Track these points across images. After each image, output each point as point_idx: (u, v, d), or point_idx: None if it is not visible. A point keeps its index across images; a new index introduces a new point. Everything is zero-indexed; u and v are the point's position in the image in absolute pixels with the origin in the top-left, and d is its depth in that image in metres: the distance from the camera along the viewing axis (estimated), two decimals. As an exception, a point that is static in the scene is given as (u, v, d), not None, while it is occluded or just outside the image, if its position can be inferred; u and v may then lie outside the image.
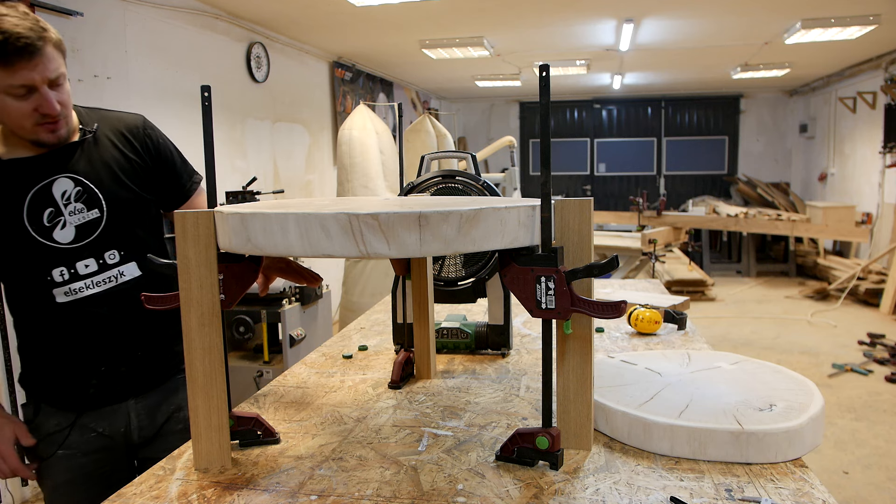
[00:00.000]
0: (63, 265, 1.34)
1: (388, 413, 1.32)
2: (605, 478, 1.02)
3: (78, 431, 1.42)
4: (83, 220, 1.36)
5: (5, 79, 1.20)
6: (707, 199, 10.20)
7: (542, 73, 0.97)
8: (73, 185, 1.35)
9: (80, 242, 1.36)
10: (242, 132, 5.03)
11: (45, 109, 1.25)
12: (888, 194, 7.35)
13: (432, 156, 1.70)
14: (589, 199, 1.05)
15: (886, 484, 3.04)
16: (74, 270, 1.35)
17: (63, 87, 1.29)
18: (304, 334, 3.47)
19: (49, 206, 1.32)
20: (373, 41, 6.02)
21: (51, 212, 1.32)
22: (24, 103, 1.24)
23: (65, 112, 1.30)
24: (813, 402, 1.13)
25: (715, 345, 5.15)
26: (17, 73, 1.20)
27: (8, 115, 1.25)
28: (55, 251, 1.33)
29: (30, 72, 1.21)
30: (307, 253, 0.92)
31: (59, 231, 1.33)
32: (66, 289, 1.35)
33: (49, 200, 1.33)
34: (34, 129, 1.28)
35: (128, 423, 1.47)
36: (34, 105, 1.24)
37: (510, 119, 11.63)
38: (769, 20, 5.35)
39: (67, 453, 1.42)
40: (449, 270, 1.68)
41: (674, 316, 1.87)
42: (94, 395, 1.43)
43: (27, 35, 1.19)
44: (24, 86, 1.22)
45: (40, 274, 1.33)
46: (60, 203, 1.34)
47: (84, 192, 1.36)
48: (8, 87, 1.21)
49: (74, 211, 1.35)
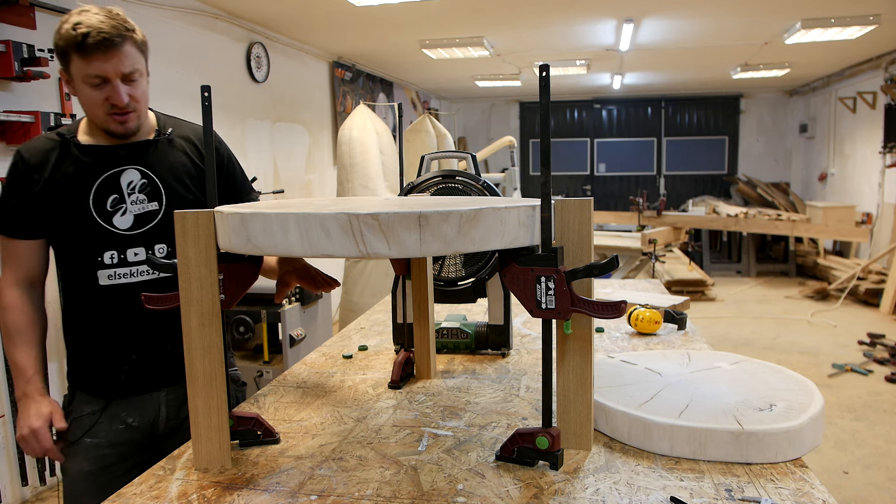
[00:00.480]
0: (115, 249, 1.43)
1: (388, 413, 1.32)
2: (605, 478, 1.02)
3: (108, 421, 1.47)
4: (142, 210, 1.45)
5: (83, 68, 1.33)
6: (707, 199, 10.20)
7: (542, 73, 0.97)
8: (139, 176, 1.45)
9: (135, 231, 1.44)
10: (242, 132, 5.03)
11: (114, 100, 1.36)
12: (888, 194, 7.35)
13: (432, 156, 1.70)
14: (589, 199, 1.06)
15: (886, 484, 3.04)
16: (124, 256, 1.44)
17: (138, 83, 1.40)
18: (304, 334, 3.47)
19: (114, 192, 1.43)
20: (373, 41, 6.02)
21: (115, 198, 1.43)
22: (98, 93, 1.35)
23: (135, 106, 1.40)
24: (813, 402, 1.13)
25: (715, 345, 5.16)
26: (93, 63, 1.32)
27: (85, 102, 1.38)
28: (111, 235, 1.42)
29: (103, 63, 1.32)
30: (307, 253, 0.92)
31: (119, 217, 1.43)
32: (111, 272, 1.43)
33: (115, 187, 1.43)
34: (105, 119, 1.39)
35: (157, 414, 1.50)
36: (106, 95, 1.36)
37: (510, 119, 11.63)
38: (769, 20, 5.35)
39: (94, 442, 1.46)
40: (449, 270, 1.68)
41: (674, 316, 1.87)
42: (126, 382, 1.47)
43: (107, 31, 1.31)
44: (98, 76, 1.33)
45: (92, 254, 1.42)
46: (125, 191, 1.44)
47: (148, 184, 1.46)
48: (85, 75, 1.33)
49: (136, 201, 1.45)
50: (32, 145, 1.43)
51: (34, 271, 1.46)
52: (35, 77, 2.86)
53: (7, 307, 1.43)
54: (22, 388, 1.42)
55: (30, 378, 1.41)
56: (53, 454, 1.42)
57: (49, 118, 2.92)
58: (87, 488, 1.44)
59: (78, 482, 1.46)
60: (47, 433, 1.40)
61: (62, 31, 1.34)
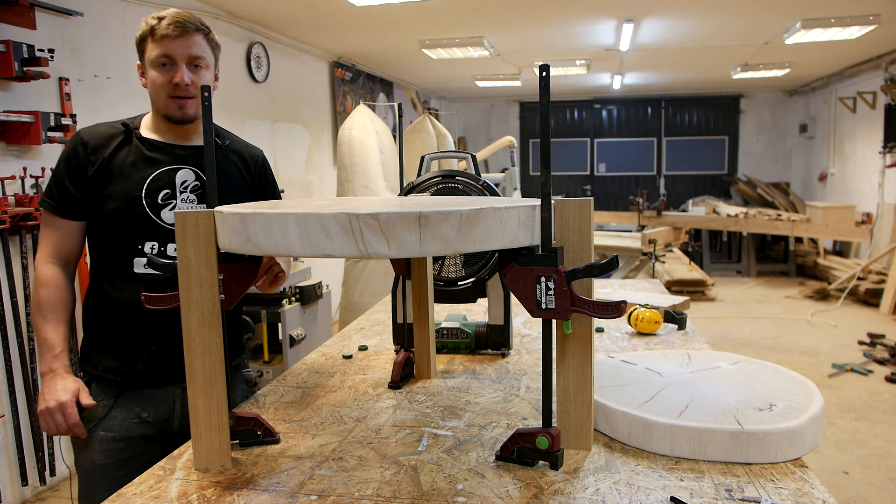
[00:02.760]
0: (157, 241, 1.46)
1: (388, 413, 1.32)
2: (605, 478, 1.02)
3: (122, 413, 1.46)
4: (190, 209, 1.48)
5: (154, 50, 1.41)
6: (707, 199, 10.19)
7: (542, 73, 0.97)
8: (194, 177, 1.50)
9: None
10: (242, 132, 5.03)
11: (176, 79, 1.41)
12: (888, 194, 7.34)
13: (432, 156, 1.70)
14: (589, 199, 1.06)
15: (886, 484, 3.04)
16: (164, 249, 1.47)
17: (202, 71, 1.46)
18: (304, 334, 3.47)
19: (168, 188, 1.47)
20: (373, 41, 6.02)
21: (167, 193, 1.47)
22: (163, 74, 1.42)
23: (195, 92, 1.45)
24: (813, 402, 1.13)
25: (715, 345, 5.15)
26: (162, 43, 1.40)
27: (153, 87, 1.44)
28: (157, 227, 1.46)
29: (171, 43, 1.40)
30: (307, 253, 0.92)
31: (168, 211, 1.47)
32: (145, 262, 1.45)
33: (170, 183, 1.48)
34: (167, 102, 1.44)
35: (172, 411, 1.50)
36: (170, 77, 1.42)
37: (510, 119, 11.63)
38: (769, 20, 5.35)
39: (108, 436, 1.45)
40: (449, 270, 1.68)
41: (674, 316, 1.87)
42: (142, 373, 1.48)
43: (181, 19, 1.41)
44: (165, 55, 1.41)
45: (134, 242, 1.45)
46: (178, 188, 1.49)
47: (200, 186, 1.51)
48: (155, 57, 1.41)
49: (187, 199, 1.49)
50: (95, 130, 1.47)
51: (72, 251, 1.48)
52: (35, 77, 2.86)
53: (43, 282, 1.44)
54: (48, 363, 1.41)
55: (57, 354, 1.41)
56: (78, 429, 1.40)
57: (49, 118, 2.92)
58: (100, 480, 1.44)
59: (91, 474, 1.46)
60: (74, 408, 1.39)
61: (143, 23, 1.43)
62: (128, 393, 1.48)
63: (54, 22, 3.18)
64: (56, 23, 3.19)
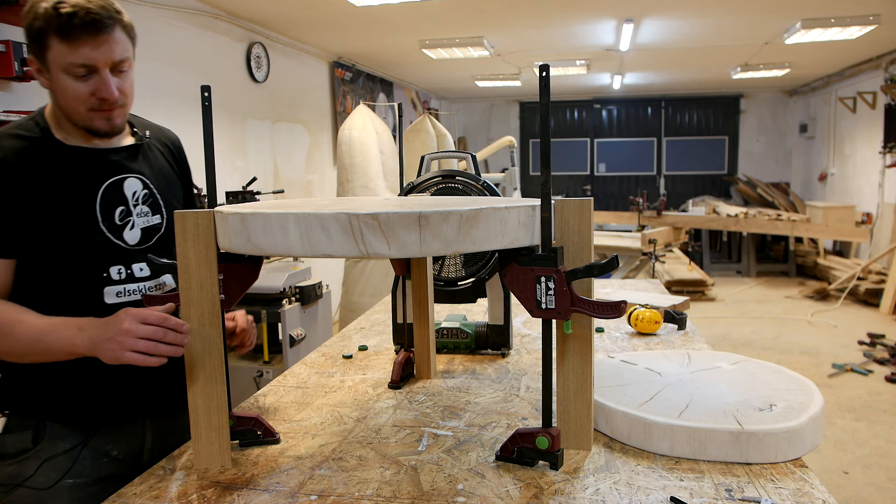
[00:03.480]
0: (122, 264, 1.28)
1: (388, 413, 1.32)
2: (605, 478, 1.02)
3: (91, 455, 1.26)
4: (147, 223, 1.31)
5: (67, 55, 1.14)
6: (707, 199, 10.19)
7: (542, 73, 0.97)
8: (141, 186, 1.31)
9: (143, 245, 1.30)
10: (242, 132, 5.03)
11: (102, 94, 1.17)
12: (888, 194, 7.34)
13: (432, 156, 1.70)
14: (589, 199, 1.06)
15: (886, 484, 3.04)
16: (131, 272, 1.29)
17: (126, 74, 1.22)
18: (304, 334, 3.47)
19: (121, 204, 1.27)
20: (373, 41, 6.02)
21: (122, 210, 1.27)
22: (83, 85, 1.17)
23: (123, 101, 1.23)
24: (813, 402, 1.13)
25: (715, 345, 5.15)
26: (79, 49, 1.13)
27: (64, 97, 1.18)
28: (120, 250, 1.27)
29: (92, 50, 1.14)
30: (307, 253, 0.92)
31: (129, 231, 1.28)
32: (119, 289, 1.27)
33: (121, 198, 1.28)
34: (88, 115, 1.20)
35: (142, 444, 1.34)
36: (92, 88, 1.17)
37: (510, 119, 11.63)
38: (769, 20, 5.35)
39: (76, 483, 1.24)
40: (449, 270, 1.68)
41: (674, 316, 1.87)
42: (114, 409, 1.29)
43: (96, 12, 1.13)
44: (84, 65, 1.15)
45: (98, 270, 1.25)
46: (131, 203, 1.29)
47: (150, 196, 1.33)
48: (69, 64, 1.14)
49: (141, 213, 1.31)
50: (8, 144, 1.19)
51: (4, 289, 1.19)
52: (35, 77, 2.86)
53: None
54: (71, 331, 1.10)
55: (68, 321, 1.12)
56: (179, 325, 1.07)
57: (49, 118, 2.91)
58: None
59: None
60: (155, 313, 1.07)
61: (38, 9, 1.13)
62: (100, 432, 1.28)
63: (54, 22, 3.18)
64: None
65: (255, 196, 3.61)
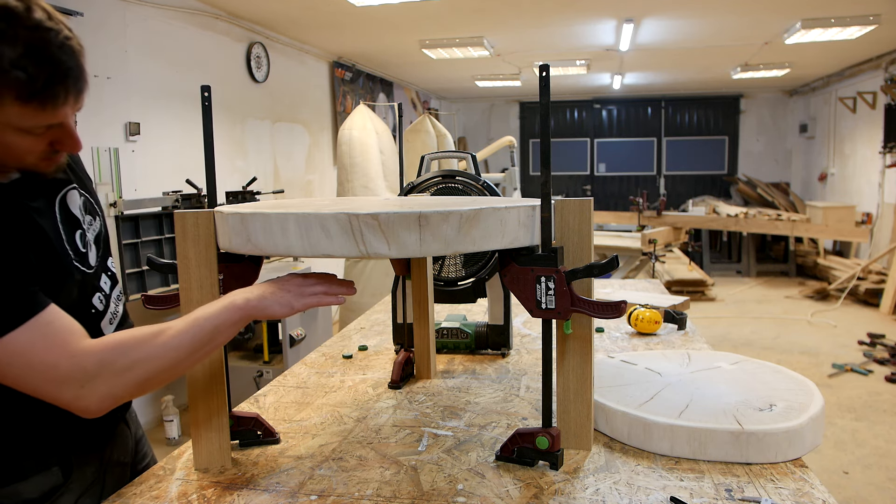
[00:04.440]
0: (98, 291, 1.10)
1: (388, 413, 1.32)
2: (605, 478, 1.02)
3: (111, 470, 1.16)
4: (94, 232, 1.11)
5: (24, 117, 0.86)
6: (707, 199, 10.19)
7: (542, 73, 0.97)
8: (79, 195, 1.09)
9: (100, 260, 1.13)
10: (242, 132, 5.03)
11: (66, 147, 0.94)
12: (888, 194, 7.34)
13: (432, 156, 1.70)
14: (589, 199, 1.06)
15: (886, 484, 3.04)
16: (104, 292, 1.11)
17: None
18: (304, 334, 3.47)
19: (77, 227, 1.06)
20: (373, 41, 6.02)
21: (80, 233, 1.06)
22: (36, 139, 0.91)
23: None
24: (813, 402, 1.13)
25: (715, 345, 5.15)
26: (46, 111, 0.86)
27: (8, 153, 0.91)
28: (90, 276, 1.07)
29: (69, 108, 0.89)
30: (307, 253, 0.92)
31: (91, 252, 1.08)
32: (109, 316, 1.12)
33: (74, 220, 1.05)
34: (35, 164, 0.95)
35: (128, 443, 1.25)
36: (51, 139, 0.93)
37: (510, 119, 11.63)
38: (769, 20, 5.35)
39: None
40: (449, 270, 1.68)
41: (674, 316, 1.87)
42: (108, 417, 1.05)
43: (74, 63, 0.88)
44: (50, 124, 0.90)
45: (85, 307, 1.06)
46: (82, 220, 1.08)
47: (87, 201, 1.12)
48: (30, 126, 0.88)
49: (89, 225, 1.10)
50: None
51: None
52: None
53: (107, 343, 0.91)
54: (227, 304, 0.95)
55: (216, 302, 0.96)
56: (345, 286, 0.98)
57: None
58: None
59: None
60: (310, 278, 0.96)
61: None
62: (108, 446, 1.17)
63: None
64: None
65: (255, 196, 3.62)
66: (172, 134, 4.08)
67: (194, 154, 4.21)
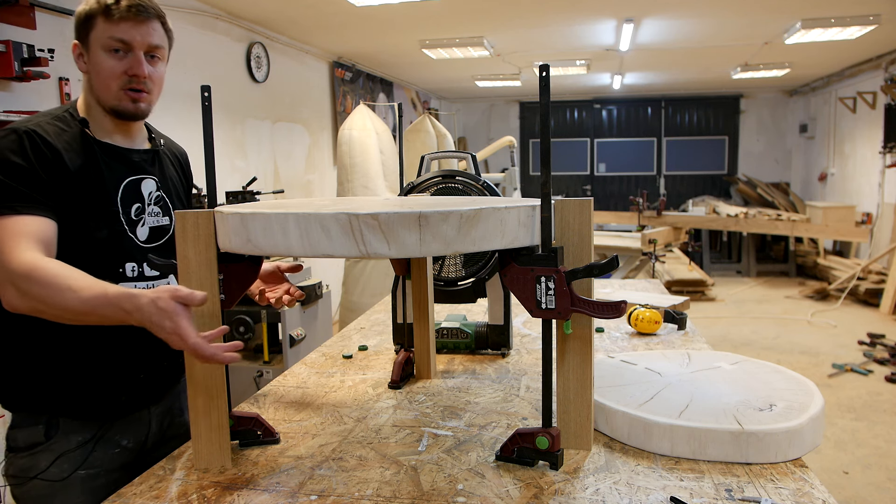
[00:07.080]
0: (136, 262, 1.32)
1: (388, 413, 1.32)
2: (605, 478, 1.02)
3: (102, 448, 1.29)
4: (157, 223, 1.37)
5: (107, 31, 1.23)
6: (707, 199, 10.19)
7: (542, 73, 0.97)
8: (155, 188, 1.38)
9: (152, 244, 1.35)
10: (242, 132, 5.03)
11: (134, 71, 1.25)
12: (888, 194, 7.34)
13: (432, 156, 1.70)
14: (589, 199, 1.06)
15: (886, 484, 3.04)
16: (142, 270, 1.32)
17: (158, 64, 1.31)
18: (304, 334, 3.47)
19: (137, 201, 1.33)
20: (373, 41, 6.02)
21: (138, 207, 1.33)
22: (118, 62, 1.25)
23: (151, 87, 1.30)
24: (813, 402, 1.13)
25: (715, 345, 5.15)
26: (120, 26, 1.23)
27: (99, 73, 1.26)
28: (134, 245, 1.32)
29: (131, 28, 1.23)
30: (307, 253, 0.92)
31: (141, 228, 1.34)
32: (132, 286, 1.27)
33: (138, 196, 1.34)
34: (118, 94, 1.27)
35: (148, 431, 1.38)
36: (126, 66, 1.25)
37: (510, 119, 11.63)
38: (769, 20, 5.35)
39: (90, 473, 1.27)
40: (449, 270, 1.68)
41: (674, 316, 1.87)
42: (125, 402, 1.33)
43: (142, 3, 1.24)
44: (122, 41, 1.24)
45: (115, 265, 1.29)
46: (146, 202, 1.35)
47: (162, 197, 1.39)
48: (108, 38, 1.23)
49: (152, 213, 1.36)
50: (45, 128, 1.22)
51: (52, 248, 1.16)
52: (35, 77, 2.86)
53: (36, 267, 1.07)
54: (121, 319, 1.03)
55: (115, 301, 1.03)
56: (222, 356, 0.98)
57: (49, 118, 2.91)
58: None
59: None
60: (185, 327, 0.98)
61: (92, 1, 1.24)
62: (112, 424, 1.32)
63: (54, 22, 3.18)
64: (56, 23, 3.19)
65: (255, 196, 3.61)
66: (172, 134, 4.06)
67: (194, 154, 4.20)
